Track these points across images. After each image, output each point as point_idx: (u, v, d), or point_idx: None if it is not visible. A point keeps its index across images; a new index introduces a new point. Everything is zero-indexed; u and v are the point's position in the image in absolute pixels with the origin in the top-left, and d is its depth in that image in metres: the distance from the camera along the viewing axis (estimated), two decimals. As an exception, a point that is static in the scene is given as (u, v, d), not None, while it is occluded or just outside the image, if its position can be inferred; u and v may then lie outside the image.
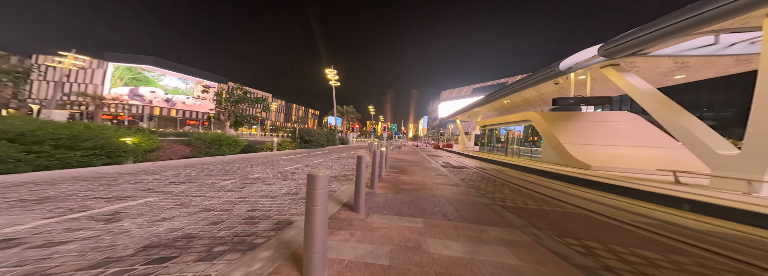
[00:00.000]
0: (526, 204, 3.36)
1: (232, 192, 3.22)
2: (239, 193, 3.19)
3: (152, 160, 5.14)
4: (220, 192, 3.19)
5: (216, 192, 3.18)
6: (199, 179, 3.93)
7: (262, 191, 3.34)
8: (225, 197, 2.97)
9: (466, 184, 4.58)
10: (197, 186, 3.46)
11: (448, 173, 5.92)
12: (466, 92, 63.00)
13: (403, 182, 4.50)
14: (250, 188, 3.48)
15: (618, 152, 6.91)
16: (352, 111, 29.81)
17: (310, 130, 14.15)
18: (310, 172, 1.29)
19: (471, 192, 3.86)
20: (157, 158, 5.27)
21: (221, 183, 3.72)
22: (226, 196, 3.02)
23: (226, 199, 2.87)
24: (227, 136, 7.29)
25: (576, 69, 5.47)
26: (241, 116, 12.40)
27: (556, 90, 8.39)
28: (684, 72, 5.55)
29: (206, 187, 3.39)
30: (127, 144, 4.57)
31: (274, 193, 3.25)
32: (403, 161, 8.53)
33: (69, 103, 22.94)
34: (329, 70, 23.89)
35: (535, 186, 4.57)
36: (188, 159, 5.88)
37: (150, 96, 38.11)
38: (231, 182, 3.81)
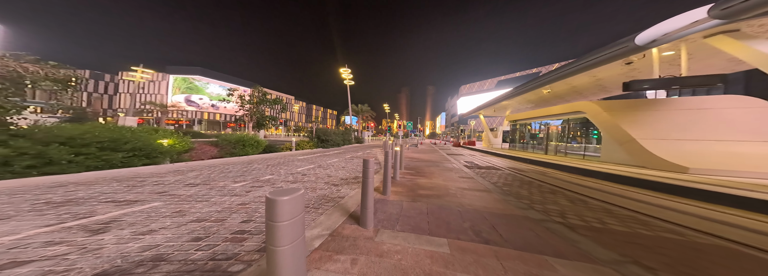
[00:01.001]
0: (605, 223, 2.35)
1: (237, 196, 3.07)
2: (243, 198, 3.03)
3: (185, 160, 5.56)
4: (226, 196, 3.07)
5: (221, 196, 3.07)
6: (213, 181, 3.95)
7: None
8: (227, 203, 2.81)
9: (500, 190, 3.70)
10: (208, 189, 3.44)
11: (474, 175, 5.03)
12: (489, 85, 57.52)
13: (420, 186, 3.86)
14: (256, 192, 3.31)
15: (731, 150, 4.97)
16: (367, 109, 29.70)
17: (326, 130, 14.40)
18: (270, 194, 0.81)
19: (510, 201, 3.02)
20: (190, 158, 5.70)
21: (232, 185, 3.66)
22: (229, 201, 2.87)
23: (226, 206, 2.70)
24: (250, 137, 7.65)
25: (663, 42, 3.89)
26: (262, 117, 13.04)
27: (622, 73, 6.49)
28: None
29: (215, 191, 3.33)
30: (163, 146, 4.99)
31: None
32: (420, 161, 7.81)
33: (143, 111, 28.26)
34: (343, 69, 24.09)
35: (604, 195, 3.36)
36: (216, 159, 6.24)
37: (200, 102, 45.26)
38: (241, 185, 3.74)
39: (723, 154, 4.85)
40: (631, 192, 3.48)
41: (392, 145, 6.63)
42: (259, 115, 13.00)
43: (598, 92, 9.21)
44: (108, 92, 43.80)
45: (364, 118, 31.61)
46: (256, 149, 7.90)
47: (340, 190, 3.69)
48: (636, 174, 4.25)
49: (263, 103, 13.51)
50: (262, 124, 12.80)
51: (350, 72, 23.68)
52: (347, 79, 23.85)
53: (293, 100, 74.24)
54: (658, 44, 3.97)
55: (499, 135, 18.01)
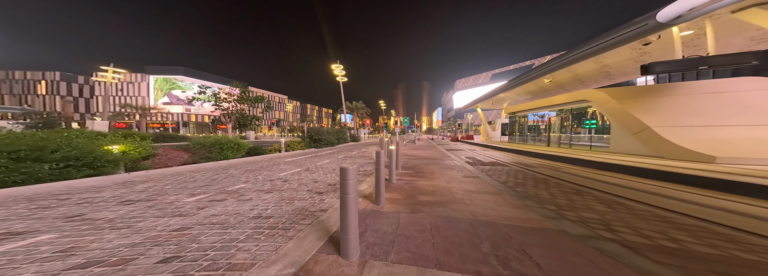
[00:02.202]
0: (675, 239, 1.72)
1: (179, 218, 2.32)
2: (188, 219, 2.28)
3: (146, 168, 4.77)
4: (163, 218, 2.30)
5: (157, 219, 2.28)
6: (163, 195, 3.17)
7: (224, 214, 2.43)
8: (158, 229, 2.03)
9: (513, 191, 3.16)
10: (146, 207, 2.66)
11: (479, 173, 4.50)
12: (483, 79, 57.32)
13: (420, 190, 3.28)
14: (211, 209, 2.58)
15: (757, 135, 4.58)
16: (362, 106, 28.85)
17: (319, 129, 13.62)
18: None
19: (531, 207, 2.47)
20: (153, 166, 4.92)
21: (183, 201, 2.92)
22: (162, 226, 2.10)
23: (153, 235, 1.89)
24: (228, 139, 6.87)
25: (689, 18, 3.33)
26: (243, 117, 11.65)
27: (631, 58, 5.99)
28: None
29: (154, 210, 2.55)
30: (112, 153, 4.20)
31: (237, 219, 2.31)
32: (419, 158, 7.25)
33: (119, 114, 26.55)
34: (335, 65, 23.08)
35: (643, 195, 2.72)
36: (186, 166, 5.45)
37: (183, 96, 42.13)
38: (197, 199, 3.00)
39: (750, 140, 4.45)
40: (673, 190, 2.91)
41: (387, 143, 6.07)
42: (239, 114, 11.42)
43: (601, 80, 8.75)
44: (83, 95, 41.18)
45: (359, 115, 30.80)
46: (238, 152, 7.13)
47: (325, 199, 3.07)
48: (663, 166, 3.77)
49: (243, 101, 11.94)
50: (244, 124, 11.46)
51: (343, 68, 22.71)
52: (340, 75, 22.88)
53: (286, 100, 72.40)
54: (683, 20, 3.43)
55: (497, 128, 17.66)
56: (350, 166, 1.51)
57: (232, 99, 11.43)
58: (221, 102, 11.28)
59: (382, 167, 2.70)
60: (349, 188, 1.47)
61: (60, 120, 15.11)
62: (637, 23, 3.92)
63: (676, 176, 3.31)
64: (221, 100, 11.23)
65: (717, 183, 2.90)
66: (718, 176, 2.98)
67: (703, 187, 3.00)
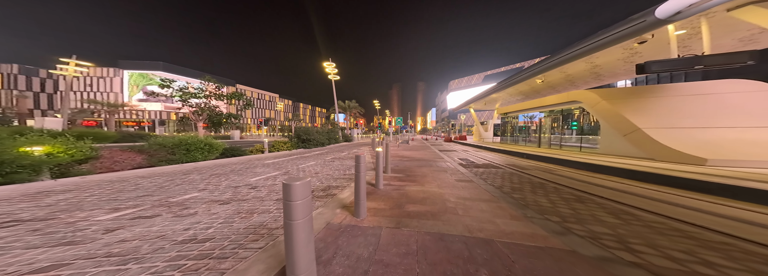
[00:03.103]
0: (710, 263, 1.44)
1: (67, 247, 1.67)
2: (78, 248, 1.64)
3: (83, 173, 4.02)
4: (39, 249, 1.63)
5: (27, 250, 1.62)
6: (73, 211, 2.41)
7: (139, 239, 1.79)
8: (9, 270, 1.37)
9: (510, 198, 2.86)
10: (29, 231, 1.90)
11: (472, 177, 4.20)
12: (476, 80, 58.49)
13: (409, 198, 2.90)
14: (126, 231, 1.94)
15: (745, 137, 4.60)
16: (355, 106, 28.19)
17: (307, 129, 12.92)
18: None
19: (532, 218, 2.15)
20: (92, 171, 4.17)
21: (96, 219, 2.22)
22: (27, 260, 1.47)
23: None
24: (197, 139, 6.12)
25: (687, 14, 3.21)
26: (215, 115, 9.89)
27: (621, 58, 5.98)
28: None
29: (38, 235, 1.86)
30: (30, 155, 3.44)
31: (156, 245, 1.68)
32: (411, 160, 6.91)
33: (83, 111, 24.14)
34: (327, 63, 22.39)
35: (650, 203, 2.50)
36: (139, 170, 4.68)
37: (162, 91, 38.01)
38: (117, 215, 2.31)
39: (739, 142, 4.47)
40: (679, 196, 2.65)
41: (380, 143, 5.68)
42: (210, 111, 9.65)
43: (591, 81, 8.83)
44: (45, 90, 37.24)
45: (352, 114, 30.15)
46: (210, 154, 6.38)
47: None
48: (660, 170, 3.62)
49: (217, 97, 10.07)
50: (218, 122, 9.77)
51: (335, 66, 22.03)
52: (332, 73, 22.19)
53: (277, 98, 70.03)
54: (681, 17, 3.30)
55: (489, 129, 17.78)
56: (296, 180, 1.02)
57: (203, 94, 9.68)
58: (189, 97, 9.53)
59: (362, 174, 2.29)
60: (295, 212, 1.01)
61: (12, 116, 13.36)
62: (635, 20, 3.78)
63: (676, 180, 3.15)
64: (189, 95, 9.47)
65: (719, 188, 2.74)
66: (719, 180, 2.83)
67: (705, 192, 2.83)
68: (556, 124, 9.75)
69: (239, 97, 10.38)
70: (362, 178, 2.28)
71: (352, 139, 23.44)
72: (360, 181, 2.27)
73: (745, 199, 2.51)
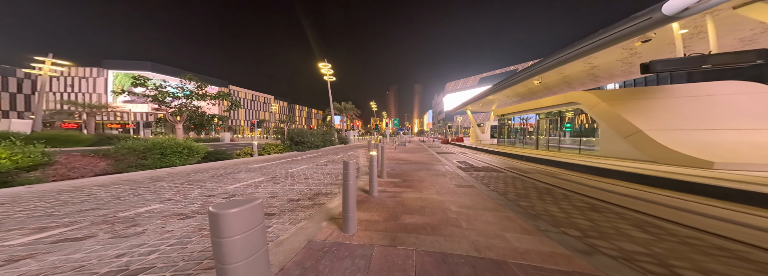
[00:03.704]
0: None
1: None
2: None
3: (31, 182, 3.49)
4: None
5: None
6: None
7: (47, 272, 1.38)
8: None
9: (517, 206, 2.57)
10: None
11: (473, 182, 3.92)
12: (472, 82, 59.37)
13: (406, 207, 2.57)
14: (33, 262, 1.51)
15: (752, 139, 4.50)
16: (351, 107, 27.84)
17: (301, 131, 12.47)
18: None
19: (547, 231, 1.85)
20: (44, 179, 3.65)
21: (7, 243, 1.80)
22: None
23: None
24: (176, 142, 5.62)
25: (696, 10, 3.07)
26: (196, 116, 8.54)
27: (620, 59, 5.92)
28: None
29: None
30: None
31: None
32: (408, 163, 6.60)
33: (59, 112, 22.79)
34: (323, 64, 22.14)
35: (674, 213, 2.22)
36: (102, 177, 4.14)
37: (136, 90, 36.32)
38: (38, 238, 1.88)
39: (742, 144, 4.38)
40: (704, 205, 2.39)
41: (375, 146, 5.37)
42: (190, 112, 8.33)
43: (587, 82, 8.83)
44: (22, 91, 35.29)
45: (349, 116, 29.78)
46: (190, 158, 5.87)
47: (272, 225, 2.24)
48: (670, 174, 3.41)
49: (200, 97, 8.61)
50: (200, 124, 8.44)
51: (331, 67, 21.78)
52: (327, 74, 21.89)
53: (272, 100, 69.10)
54: (689, 13, 3.18)
55: (486, 130, 17.73)
56: (232, 206, 0.65)
57: (183, 94, 8.41)
58: (165, 97, 8.02)
59: (351, 183, 1.96)
60: (229, 252, 0.61)
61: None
62: (640, 17, 3.65)
63: (690, 186, 2.91)
64: (165, 94, 8.03)
65: (740, 195, 2.53)
66: (737, 186, 2.62)
67: (724, 199, 2.62)
68: (552, 126, 9.69)
69: (225, 96, 8.97)
70: (351, 189, 1.95)
71: (349, 142, 23.01)
72: (349, 192, 1.94)
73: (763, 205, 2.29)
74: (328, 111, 24.74)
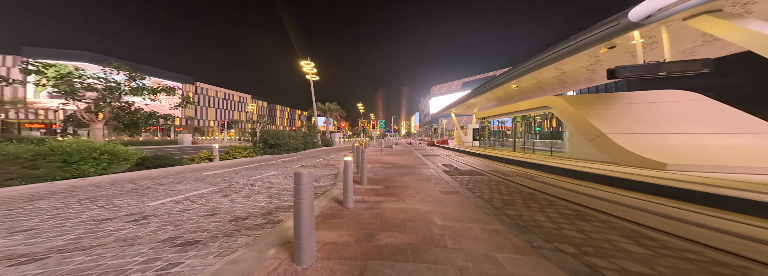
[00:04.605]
0: None
1: None
2: None
3: None
4: None
5: None
6: None
7: None
8: None
9: (505, 216, 2.33)
10: None
11: (458, 187, 3.69)
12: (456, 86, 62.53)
13: (385, 221, 2.17)
14: None
15: (698, 143, 4.97)
16: (336, 108, 26.81)
17: (277, 132, 11.33)
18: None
19: (541, 249, 1.59)
20: None
21: None
22: None
23: None
24: (91, 145, 4.32)
25: (657, 18, 3.33)
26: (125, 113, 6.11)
27: (585, 66, 6.43)
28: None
29: None
30: None
31: None
32: (393, 166, 6.24)
33: None
34: (305, 62, 21.07)
35: (663, 222, 2.11)
36: None
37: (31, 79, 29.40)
38: None
39: (687, 147, 4.86)
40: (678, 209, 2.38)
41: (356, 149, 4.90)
42: (112, 108, 5.94)
43: (557, 88, 9.56)
44: None
45: (334, 117, 28.67)
46: (113, 165, 4.59)
47: (186, 258, 1.60)
48: (635, 176, 3.57)
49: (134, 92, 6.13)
50: (134, 123, 6.11)
51: (314, 66, 20.77)
52: (310, 73, 20.83)
53: (249, 99, 63.88)
54: (651, 21, 3.44)
55: (469, 133, 18.41)
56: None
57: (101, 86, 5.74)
58: (73, 87, 5.42)
59: (305, 201, 1.48)
60: None
61: None
62: (609, 23, 3.87)
63: (657, 188, 3.01)
64: (76, 86, 5.42)
65: (703, 197, 2.64)
66: (700, 189, 2.73)
67: (688, 201, 2.72)
68: (526, 129, 10.27)
69: (170, 91, 6.41)
70: (306, 208, 1.47)
71: (333, 144, 22.01)
72: (302, 213, 1.45)
73: (733, 209, 2.39)
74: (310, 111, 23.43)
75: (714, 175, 3.57)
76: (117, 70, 5.95)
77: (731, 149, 4.57)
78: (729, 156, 4.27)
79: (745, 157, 4.13)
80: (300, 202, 1.46)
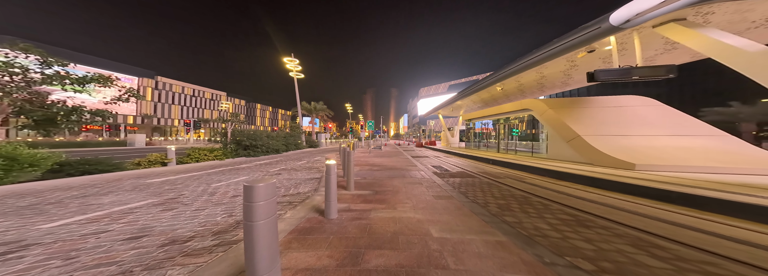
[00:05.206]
0: None
1: None
2: None
3: None
4: None
5: None
6: None
7: None
8: None
9: (506, 226, 2.11)
10: None
11: (451, 191, 3.47)
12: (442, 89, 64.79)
13: (373, 235, 1.80)
14: None
15: (657, 144, 5.43)
16: (323, 108, 25.57)
17: (254, 133, 10.17)
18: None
19: (554, 266, 1.35)
20: None
21: None
22: None
23: None
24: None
25: (635, 23, 3.52)
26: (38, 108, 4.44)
27: (562, 70, 6.84)
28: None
29: None
30: None
31: None
32: (382, 169, 5.88)
33: None
34: (289, 58, 19.81)
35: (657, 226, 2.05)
36: None
37: None
38: None
39: (650, 148, 5.27)
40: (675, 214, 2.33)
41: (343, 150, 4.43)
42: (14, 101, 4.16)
43: (536, 92, 10.14)
44: None
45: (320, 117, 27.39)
46: (12, 174, 3.47)
47: None
48: (616, 177, 3.67)
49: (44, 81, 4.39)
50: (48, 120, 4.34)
51: (298, 63, 19.58)
52: (294, 70, 19.57)
53: (224, 97, 58.41)
54: (629, 25, 3.64)
55: (456, 134, 18.88)
56: None
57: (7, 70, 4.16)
58: None
59: (260, 224, 1.03)
60: None
61: None
62: (590, 27, 4.03)
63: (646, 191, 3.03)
64: None
65: (681, 198, 2.72)
66: (679, 190, 2.81)
67: (666, 201, 2.79)
68: (508, 131, 10.73)
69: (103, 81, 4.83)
70: (260, 235, 1.02)
71: (319, 145, 20.87)
72: (255, 243, 1.00)
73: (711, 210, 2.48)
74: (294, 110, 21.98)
75: (679, 175, 3.85)
76: (24, 53, 4.26)
77: (684, 150, 5.07)
78: (684, 156, 4.71)
79: (697, 158, 4.58)
80: (252, 226, 1.01)
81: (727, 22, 3.72)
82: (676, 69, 3.64)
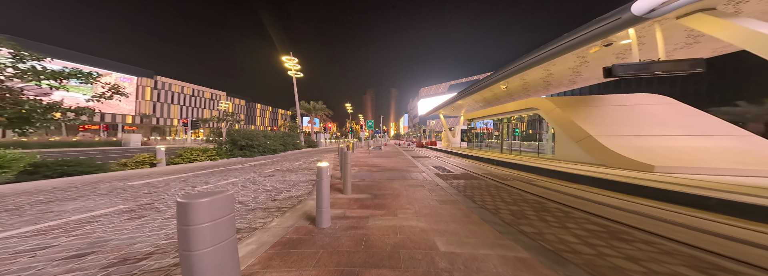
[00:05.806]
0: None
1: None
2: None
3: None
4: None
5: None
6: None
7: None
8: None
9: (524, 237, 1.81)
10: None
11: (456, 194, 3.17)
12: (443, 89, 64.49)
13: (371, 249, 1.49)
14: None
15: (675, 144, 5.07)
16: (322, 107, 25.28)
17: (249, 132, 9.91)
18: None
19: None
20: None
21: None
22: None
23: None
24: None
25: (660, 13, 3.19)
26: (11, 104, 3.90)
27: (571, 67, 6.51)
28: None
29: None
30: None
31: None
32: (381, 170, 5.57)
33: None
34: (287, 57, 19.57)
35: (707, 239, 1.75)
36: None
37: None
38: None
39: (667, 149, 4.93)
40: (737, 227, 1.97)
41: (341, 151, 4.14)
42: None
43: (540, 90, 9.80)
44: None
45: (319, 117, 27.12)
46: None
47: None
48: (644, 181, 3.30)
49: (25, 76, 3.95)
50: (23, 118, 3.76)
51: (297, 62, 19.33)
52: (293, 69, 19.31)
53: (223, 97, 58.29)
54: (654, 15, 3.32)
55: (457, 134, 18.57)
56: None
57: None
58: None
59: (201, 269, 0.73)
60: None
61: None
62: (609, 18, 3.72)
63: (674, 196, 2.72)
64: None
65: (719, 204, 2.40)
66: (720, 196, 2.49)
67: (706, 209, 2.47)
68: (506, 131, 10.42)
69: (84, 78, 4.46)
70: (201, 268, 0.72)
71: (318, 145, 20.59)
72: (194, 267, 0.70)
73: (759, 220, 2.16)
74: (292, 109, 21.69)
75: (706, 178, 3.53)
76: None
77: (705, 151, 4.73)
78: (705, 158, 4.38)
79: (721, 159, 4.24)
80: (190, 257, 0.71)
81: (760, 12, 3.40)
82: (704, 63, 3.32)
